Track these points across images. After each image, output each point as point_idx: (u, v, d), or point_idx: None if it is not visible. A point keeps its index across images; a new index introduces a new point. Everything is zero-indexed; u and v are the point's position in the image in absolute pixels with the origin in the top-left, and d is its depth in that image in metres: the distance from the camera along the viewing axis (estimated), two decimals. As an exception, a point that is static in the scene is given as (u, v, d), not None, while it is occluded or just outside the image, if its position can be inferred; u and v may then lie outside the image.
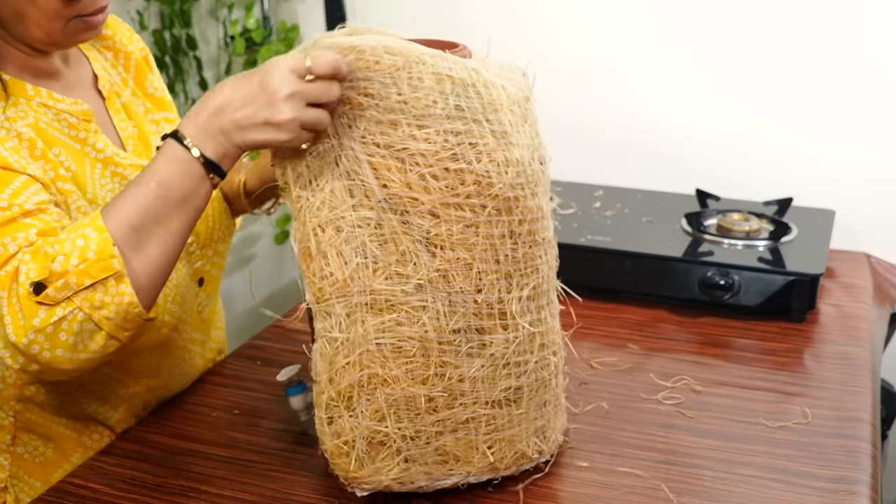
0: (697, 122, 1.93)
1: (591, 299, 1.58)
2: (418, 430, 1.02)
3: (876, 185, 1.84)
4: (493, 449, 1.06)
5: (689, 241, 1.64)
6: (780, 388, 1.33)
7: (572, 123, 2.00)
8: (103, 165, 1.17)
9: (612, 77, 1.97)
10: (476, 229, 1.00)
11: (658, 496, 1.08)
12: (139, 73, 1.30)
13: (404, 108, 0.98)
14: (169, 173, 0.98)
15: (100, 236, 0.97)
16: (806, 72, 1.84)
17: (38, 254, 0.98)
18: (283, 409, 1.23)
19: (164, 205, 0.99)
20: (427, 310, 1.00)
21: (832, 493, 1.09)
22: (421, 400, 1.01)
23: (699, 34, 1.89)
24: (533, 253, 1.04)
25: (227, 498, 1.09)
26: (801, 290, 1.50)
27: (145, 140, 1.25)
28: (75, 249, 0.96)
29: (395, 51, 0.98)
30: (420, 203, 0.98)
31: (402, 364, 1.00)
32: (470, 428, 1.04)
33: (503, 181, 1.00)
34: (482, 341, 1.02)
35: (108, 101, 1.23)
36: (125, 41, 1.30)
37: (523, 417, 1.07)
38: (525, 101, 1.06)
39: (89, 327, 0.98)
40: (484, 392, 1.03)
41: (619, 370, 1.37)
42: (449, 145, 0.98)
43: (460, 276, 1.00)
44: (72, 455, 1.23)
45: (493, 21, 2.02)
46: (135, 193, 0.99)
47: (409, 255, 0.99)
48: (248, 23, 2.15)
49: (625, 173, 1.97)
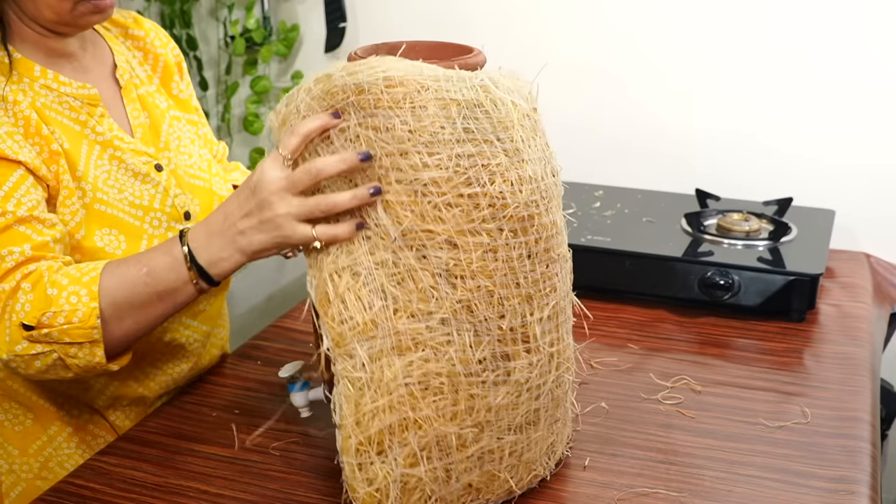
0: (697, 122, 1.93)
1: (591, 299, 1.58)
2: (448, 470, 0.99)
3: (876, 185, 1.84)
4: (513, 474, 1.04)
5: (688, 241, 1.64)
6: (780, 388, 1.33)
7: (572, 124, 2.00)
8: (101, 147, 1.22)
9: (612, 77, 1.97)
10: (495, 254, 0.98)
11: (658, 496, 1.08)
12: (166, 74, 1.36)
13: (412, 136, 0.96)
14: (160, 266, 1.08)
15: (89, 305, 1.07)
16: (806, 72, 1.84)
17: (37, 291, 1.07)
18: (284, 410, 1.23)
19: (149, 293, 1.09)
20: (453, 343, 0.97)
21: (832, 493, 1.09)
22: (452, 438, 0.98)
23: (699, 34, 1.89)
24: (550, 271, 1.03)
25: (227, 498, 1.09)
26: (800, 290, 1.50)
27: (156, 130, 1.29)
28: (66, 307, 1.07)
29: (394, 81, 0.96)
30: (436, 234, 0.96)
31: (432, 402, 0.97)
32: (495, 458, 1.02)
33: (518, 200, 0.98)
34: (507, 368, 1.00)
35: (125, 89, 1.28)
36: (157, 44, 1.36)
37: (539, 438, 1.06)
38: (533, 112, 1.04)
39: (61, 365, 1.10)
40: (507, 419, 1.01)
41: (619, 370, 1.38)
42: (461, 169, 0.96)
43: (483, 304, 0.98)
44: (50, 427, 1.26)
45: (492, 21, 2.02)
46: (130, 273, 1.09)
47: (428, 290, 0.96)
48: (248, 23, 2.15)
49: (624, 173, 1.97)
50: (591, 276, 1.60)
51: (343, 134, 0.99)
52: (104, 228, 1.19)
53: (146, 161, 1.25)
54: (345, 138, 0.99)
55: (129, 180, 1.23)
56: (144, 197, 1.23)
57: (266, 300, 2.37)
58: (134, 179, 1.23)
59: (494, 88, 0.99)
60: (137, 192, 1.23)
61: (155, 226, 1.23)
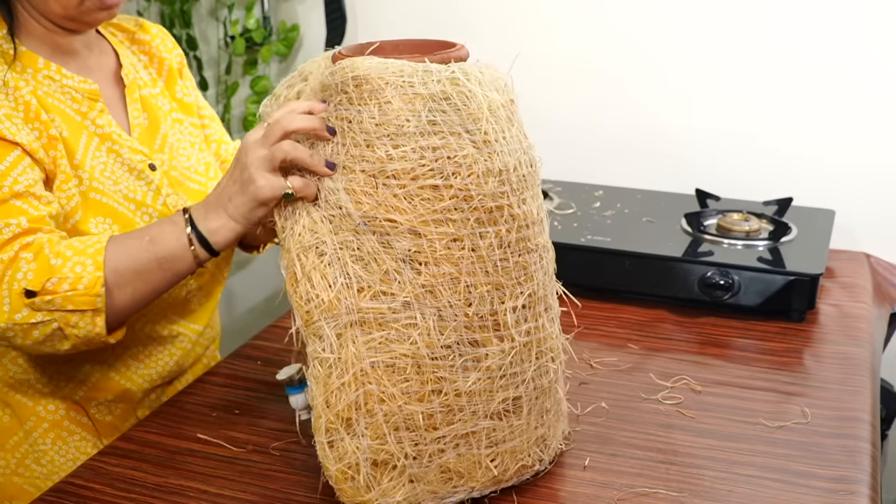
0: (697, 122, 1.93)
1: (591, 299, 1.58)
2: (420, 449, 1.01)
3: (876, 185, 1.84)
4: (496, 462, 1.05)
5: (688, 241, 1.64)
6: (780, 388, 1.33)
7: (572, 124, 2.00)
8: (100, 140, 1.25)
9: (612, 77, 1.97)
10: (461, 243, 1.00)
11: (658, 496, 1.08)
12: (171, 77, 1.39)
13: (377, 129, 0.99)
14: (163, 232, 1.12)
15: (94, 273, 1.08)
16: (806, 72, 1.84)
17: (40, 260, 1.08)
18: (284, 409, 1.23)
19: (149, 259, 1.11)
20: (417, 327, 0.99)
21: (832, 493, 1.09)
22: (419, 417, 1.00)
23: (699, 35, 1.89)
24: (526, 260, 1.04)
25: (227, 498, 1.09)
26: (800, 290, 1.51)
27: (153, 132, 1.32)
28: (70, 275, 1.07)
29: (361, 79, 1.00)
30: (399, 224, 0.99)
31: (398, 382, 0.99)
32: (471, 442, 1.03)
33: (484, 191, 0.99)
34: (476, 354, 1.01)
35: (128, 88, 1.31)
36: (162, 48, 1.39)
37: (524, 427, 1.06)
38: (510, 103, 1.05)
39: (60, 335, 1.10)
40: (482, 405, 1.02)
41: (619, 370, 1.38)
42: (426, 161, 0.98)
43: (448, 291, 0.99)
44: (26, 422, 1.28)
45: (492, 21, 2.02)
46: (132, 242, 1.11)
47: (392, 273, 0.99)
48: (248, 23, 2.16)
49: (624, 173, 1.97)
50: (591, 276, 1.60)
51: None
52: (98, 216, 1.21)
53: (141, 159, 1.28)
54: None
55: (125, 174, 1.25)
56: (138, 192, 1.26)
57: (266, 300, 2.37)
58: (129, 174, 1.26)
59: (465, 81, 1.01)
60: (132, 187, 1.26)
61: (146, 221, 1.26)
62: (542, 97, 1.98)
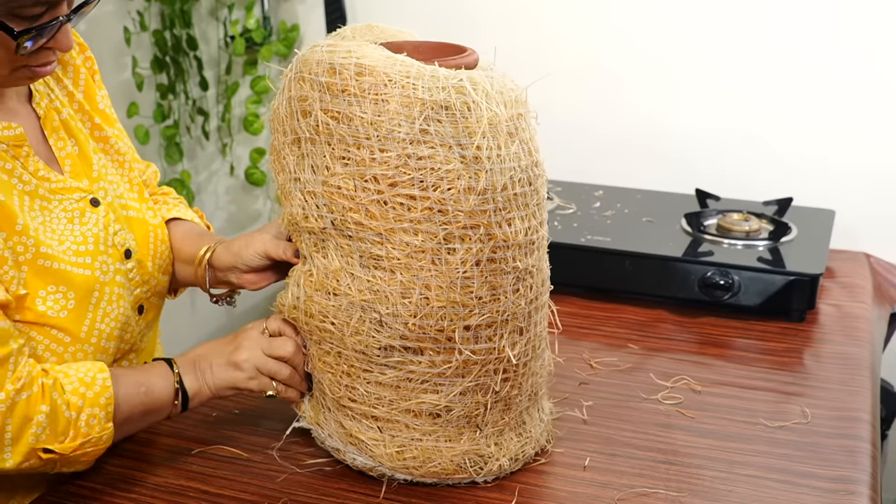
0: (697, 122, 1.93)
1: (591, 299, 1.58)
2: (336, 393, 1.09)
3: (876, 185, 1.84)
4: (404, 449, 1.07)
5: (688, 241, 1.64)
6: (780, 387, 1.33)
7: (572, 123, 2.00)
8: (31, 198, 1.08)
9: (613, 77, 1.97)
10: (424, 255, 0.99)
11: (658, 496, 1.08)
12: (88, 88, 1.21)
13: (367, 129, 0.97)
14: (158, 387, 1.12)
15: (106, 428, 1.06)
16: (806, 72, 1.84)
17: (53, 414, 1.03)
18: (283, 409, 1.23)
19: (142, 411, 1.11)
20: (350, 326, 1.04)
21: (832, 493, 1.09)
22: (338, 386, 1.09)
23: (699, 34, 1.89)
24: (497, 282, 1.01)
25: (227, 498, 1.09)
26: (800, 290, 1.51)
27: (86, 159, 1.16)
28: (84, 428, 1.05)
29: (366, 70, 0.97)
30: (366, 228, 0.99)
31: (323, 356, 1.09)
32: (401, 428, 1.07)
33: (461, 208, 0.97)
34: (403, 359, 1.03)
35: (44, 119, 1.13)
36: (72, 52, 1.20)
37: (451, 436, 1.07)
38: (517, 117, 1.01)
39: (49, 467, 1.07)
40: (403, 402, 1.05)
41: (619, 370, 1.38)
42: (407, 170, 0.97)
43: (397, 299, 1.00)
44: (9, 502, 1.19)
45: (493, 20, 2.02)
46: (131, 391, 1.10)
47: (343, 272, 1.03)
48: (248, 23, 2.16)
49: (624, 173, 1.97)
50: (591, 276, 1.60)
51: (306, 119, 1.01)
52: (50, 286, 1.06)
53: (80, 197, 1.12)
54: (305, 124, 1.01)
55: (66, 227, 1.10)
56: (88, 240, 1.11)
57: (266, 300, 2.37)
58: (70, 224, 1.10)
59: (471, 90, 0.97)
60: (79, 238, 1.10)
61: (105, 271, 1.12)
62: (542, 96, 1.98)
